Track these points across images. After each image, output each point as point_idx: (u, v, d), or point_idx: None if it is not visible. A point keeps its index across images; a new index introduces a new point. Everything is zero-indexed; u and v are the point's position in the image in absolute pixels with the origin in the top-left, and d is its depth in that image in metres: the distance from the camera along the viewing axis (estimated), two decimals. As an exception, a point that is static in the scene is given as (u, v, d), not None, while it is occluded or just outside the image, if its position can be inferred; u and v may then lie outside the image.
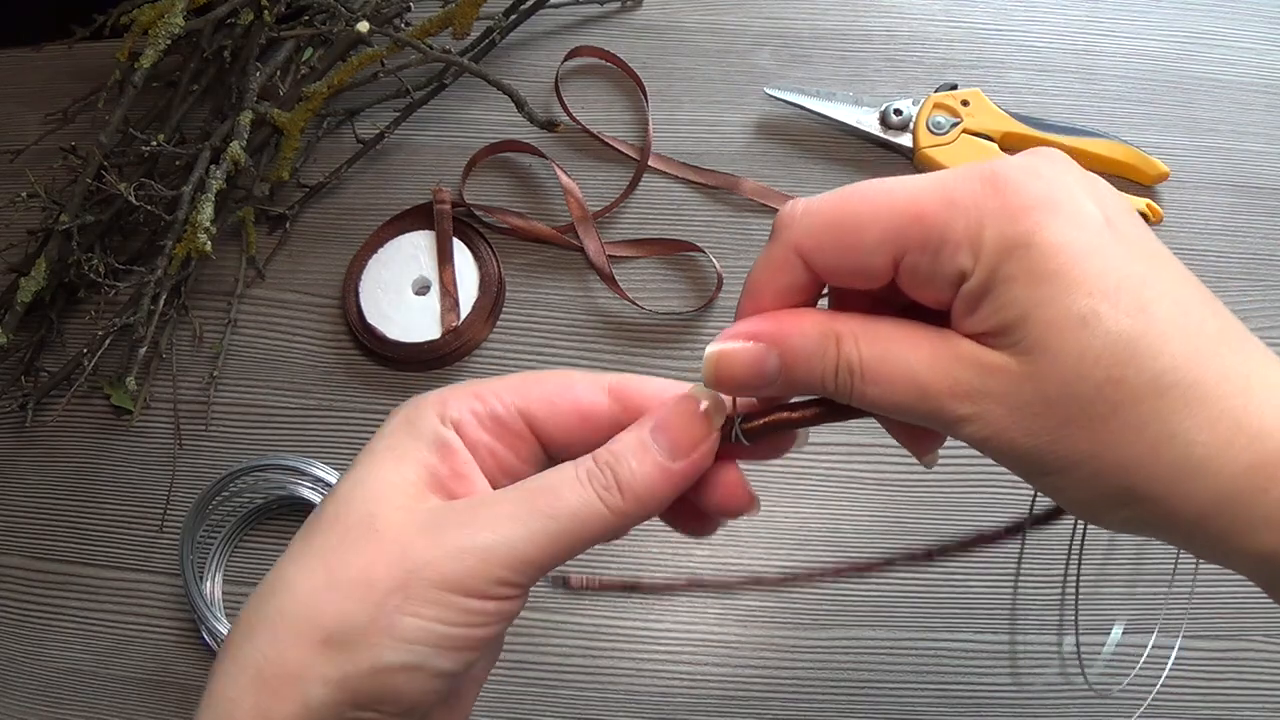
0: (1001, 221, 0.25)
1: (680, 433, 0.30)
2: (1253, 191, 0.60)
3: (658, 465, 0.29)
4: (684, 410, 0.30)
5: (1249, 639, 0.51)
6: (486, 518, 0.28)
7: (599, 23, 0.66)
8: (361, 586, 0.27)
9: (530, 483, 0.29)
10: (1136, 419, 0.25)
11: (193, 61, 0.61)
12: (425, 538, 0.28)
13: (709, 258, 0.59)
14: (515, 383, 0.31)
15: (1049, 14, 0.65)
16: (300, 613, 0.28)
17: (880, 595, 0.52)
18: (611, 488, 0.29)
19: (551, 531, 0.28)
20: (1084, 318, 0.25)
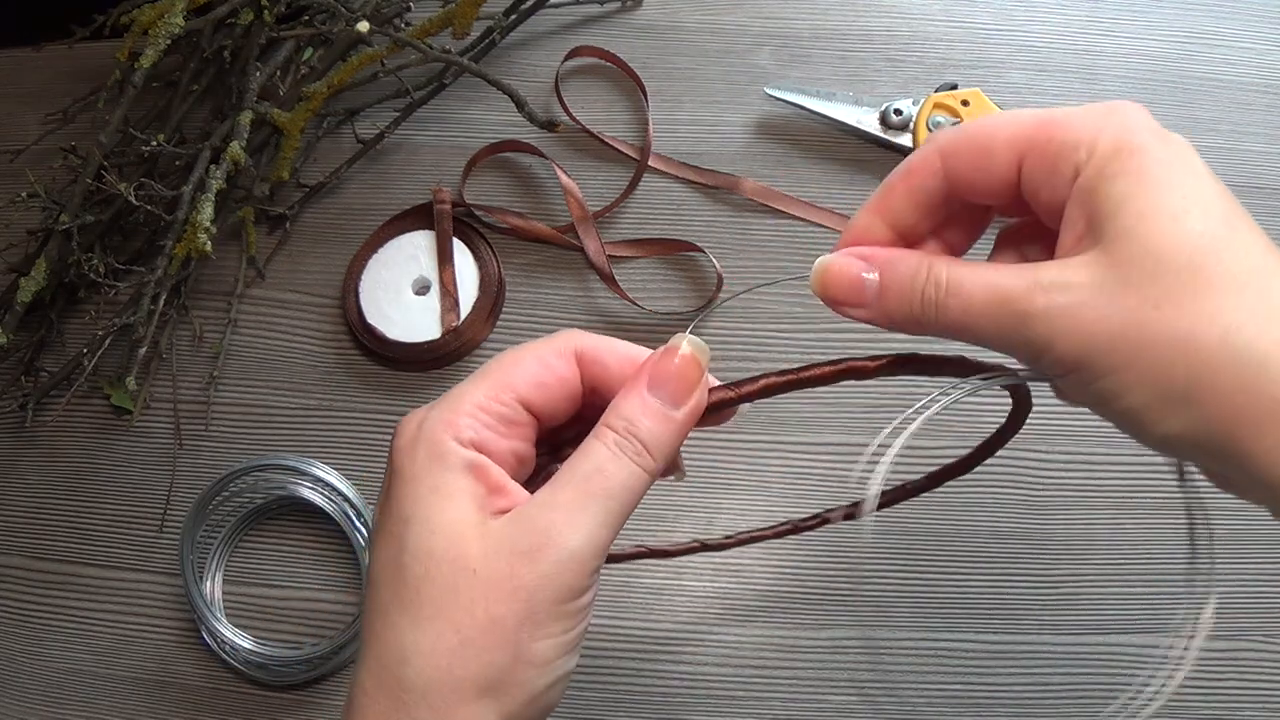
0: (1118, 131, 0.28)
1: (676, 383, 0.31)
2: (1253, 191, 0.60)
3: (666, 418, 0.31)
4: (672, 361, 0.32)
5: (1249, 639, 0.51)
6: (563, 522, 0.30)
7: (599, 23, 0.66)
8: (494, 633, 0.29)
9: (574, 472, 0.31)
10: (1211, 308, 0.26)
11: (193, 61, 0.61)
12: (524, 563, 0.29)
13: (709, 258, 0.59)
14: (503, 377, 0.32)
15: (1049, 14, 0.65)
16: (448, 676, 0.29)
17: (880, 595, 0.52)
18: (642, 452, 0.31)
19: (614, 510, 0.30)
20: (1175, 214, 0.27)
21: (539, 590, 0.29)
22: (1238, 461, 0.26)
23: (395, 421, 0.57)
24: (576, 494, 0.30)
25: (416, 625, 0.29)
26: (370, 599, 0.31)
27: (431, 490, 0.30)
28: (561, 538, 0.30)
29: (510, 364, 0.32)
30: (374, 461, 0.56)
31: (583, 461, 0.31)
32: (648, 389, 0.31)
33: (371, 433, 0.57)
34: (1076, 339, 0.27)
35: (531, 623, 0.29)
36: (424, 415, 0.32)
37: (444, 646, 0.29)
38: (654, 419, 0.31)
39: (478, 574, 0.29)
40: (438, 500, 0.30)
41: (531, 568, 0.29)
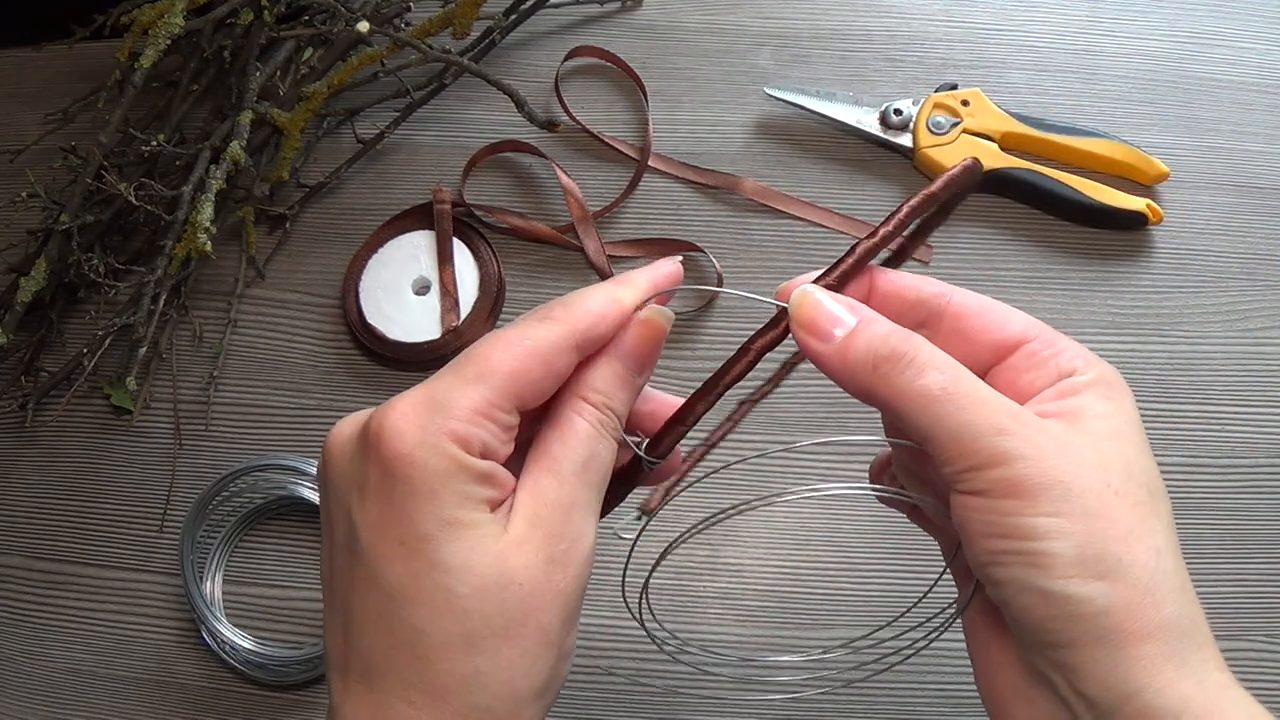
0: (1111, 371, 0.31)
1: (647, 353, 0.33)
2: (1253, 191, 0.60)
3: (633, 385, 0.33)
4: (648, 332, 0.33)
5: (1249, 639, 0.51)
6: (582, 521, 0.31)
7: (599, 23, 0.66)
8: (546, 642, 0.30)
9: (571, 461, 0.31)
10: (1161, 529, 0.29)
11: (193, 61, 0.61)
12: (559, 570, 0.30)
13: (709, 258, 0.59)
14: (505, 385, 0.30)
15: (1049, 14, 0.65)
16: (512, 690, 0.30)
17: (880, 595, 0.52)
18: (617, 426, 0.32)
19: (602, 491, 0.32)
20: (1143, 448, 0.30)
21: (574, 592, 0.30)
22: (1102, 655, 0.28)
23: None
24: (581, 486, 0.31)
25: (475, 648, 0.29)
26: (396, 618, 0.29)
27: (455, 507, 0.29)
28: (585, 538, 0.31)
29: (505, 362, 0.30)
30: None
31: (576, 446, 0.31)
32: (624, 359, 0.32)
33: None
34: (1045, 469, 0.28)
35: (570, 623, 0.30)
36: (422, 419, 0.29)
37: (507, 665, 0.29)
38: (627, 389, 0.32)
39: (524, 588, 0.29)
40: (464, 516, 0.29)
41: (565, 572, 0.30)
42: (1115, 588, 0.27)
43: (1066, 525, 0.28)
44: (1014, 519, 0.28)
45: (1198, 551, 0.52)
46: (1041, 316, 0.56)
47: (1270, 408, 0.55)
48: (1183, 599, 0.28)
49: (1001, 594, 0.29)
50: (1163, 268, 0.58)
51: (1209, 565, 0.52)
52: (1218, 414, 0.55)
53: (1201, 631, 0.29)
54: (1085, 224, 0.59)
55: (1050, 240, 0.59)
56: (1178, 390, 0.56)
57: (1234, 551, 0.52)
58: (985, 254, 0.59)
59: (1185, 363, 0.56)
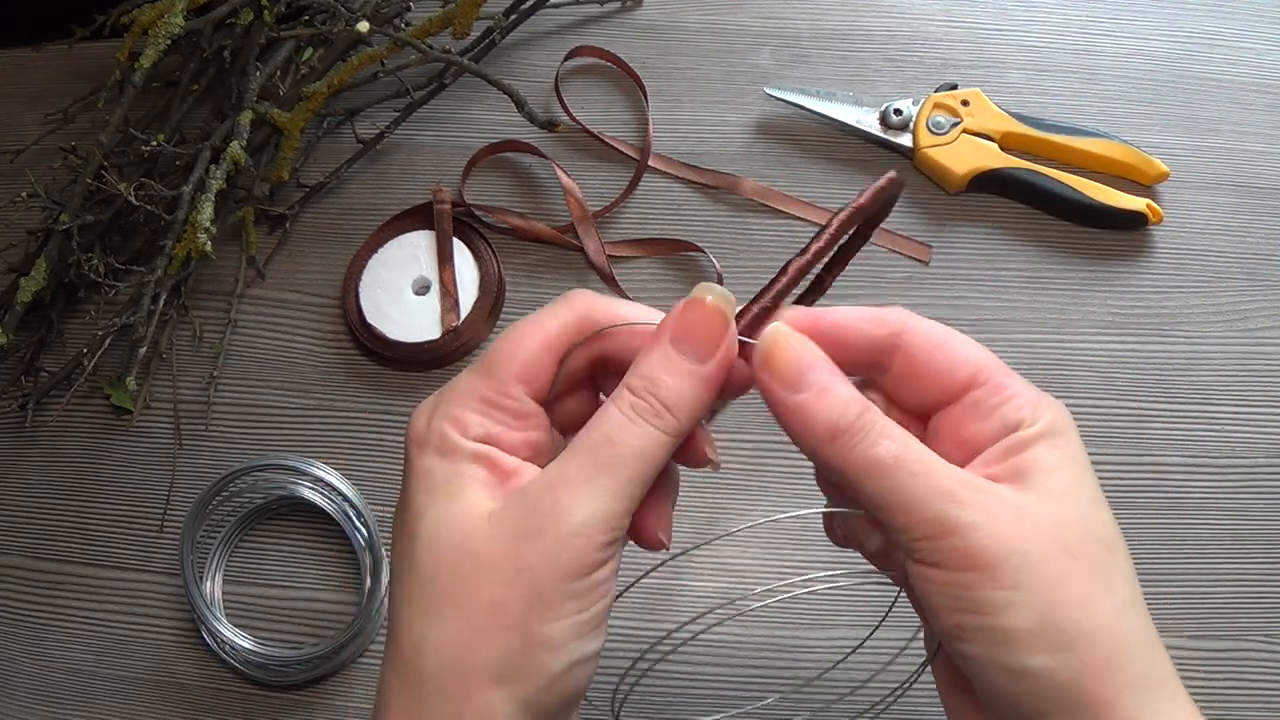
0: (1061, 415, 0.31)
1: (701, 335, 0.30)
2: (1253, 191, 0.60)
3: (691, 373, 0.29)
4: (697, 313, 0.30)
5: (1249, 639, 0.51)
6: (566, 496, 0.28)
7: (599, 23, 0.66)
8: (499, 616, 0.28)
9: (582, 442, 0.29)
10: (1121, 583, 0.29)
11: (193, 61, 0.61)
12: (527, 543, 0.28)
13: (709, 258, 0.59)
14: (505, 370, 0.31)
15: (1049, 14, 0.65)
16: (461, 665, 0.28)
17: (880, 595, 0.52)
18: (661, 412, 0.29)
19: (626, 479, 0.29)
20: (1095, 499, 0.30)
21: (543, 571, 0.28)
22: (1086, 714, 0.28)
23: (395, 421, 0.58)
24: (582, 465, 0.29)
25: (427, 615, 0.29)
26: (390, 593, 0.30)
27: (443, 483, 0.30)
28: (564, 512, 0.28)
29: (512, 351, 0.31)
30: (374, 461, 0.56)
31: (592, 430, 0.29)
32: (672, 344, 0.30)
33: (371, 433, 0.57)
34: (1001, 538, 0.28)
35: (540, 604, 0.28)
36: (432, 409, 0.31)
37: (454, 635, 0.28)
38: (678, 376, 0.29)
39: (480, 558, 0.28)
40: (448, 491, 0.30)
41: (534, 547, 0.28)
42: (1080, 657, 0.28)
43: (1026, 598, 0.28)
44: (973, 592, 0.28)
45: (1198, 551, 0.52)
46: (1041, 316, 0.57)
47: (1270, 408, 0.55)
48: (1148, 652, 0.29)
49: (969, 667, 0.29)
50: (1163, 268, 0.58)
51: (1209, 565, 0.52)
52: (1218, 414, 0.55)
53: (1170, 677, 0.29)
54: (1085, 224, 0.59)
55: (1050, 240, 0.59)
56: (1178, 390, 0.56)
57: (1234, 551, 0.52)
58: (985, 254, 0.59)
59: (1185, 363, 0.56)
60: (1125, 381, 0.56)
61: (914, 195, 0.60)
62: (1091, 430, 0.55)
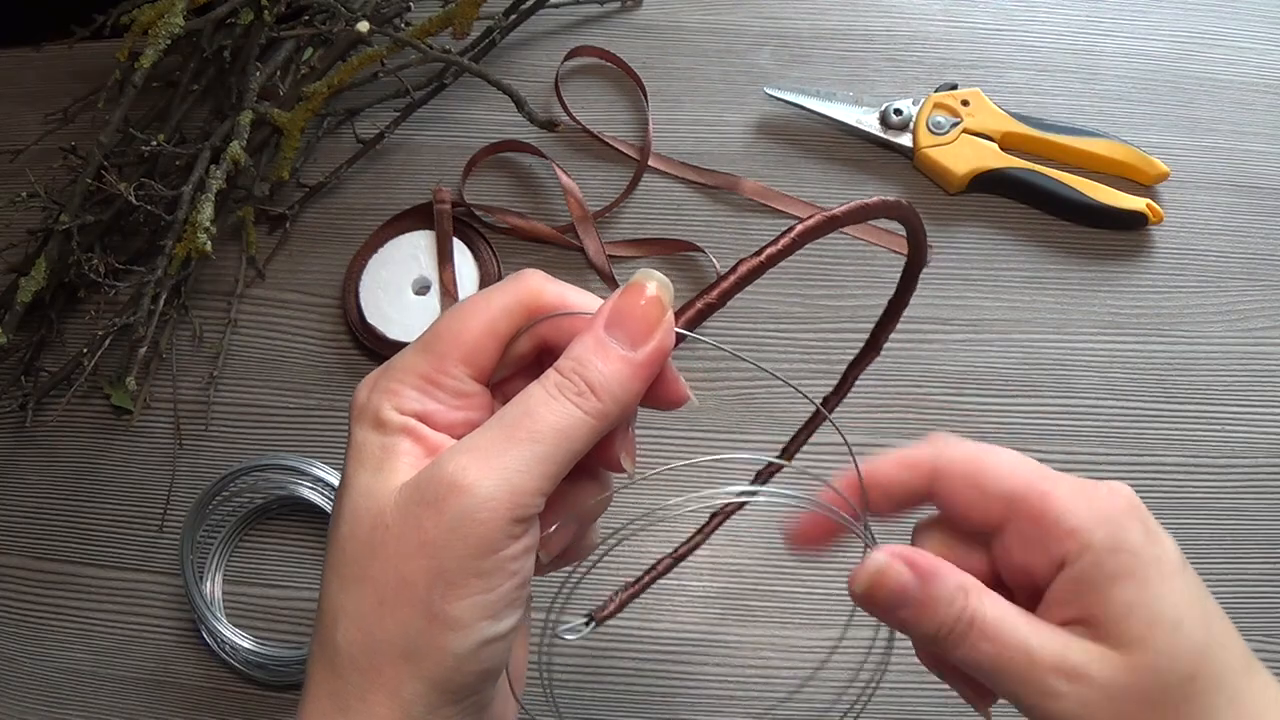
0: (1112, 529, 0.30)
1: (636, 322, 0.29)
2: (1253, 191, 0.60)
3: (622, 359, 0.29)
4: (634, 299, 0.29)
5: (1248, 639, 0.51)
6: (472, 466, 0.27)
7: (599, 23, 0.66)
8: (404, 591, 0.27)
9: (504, 415, 0.29)
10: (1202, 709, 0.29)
11: (193, 61, 0.61)
12: (429, 515, 0.27)
13: (709, 258, 0.59)
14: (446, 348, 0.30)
15: (1049, 14, 0.65)
16: (370, 639, 0.28)
17: (880, 595, 0.52)
18: (585, 392, 0.28)
19: (541, 455, 0.28)
20: (1175, 623, 0.29)
21: (447, 545, 0.27)
22: None
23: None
24: (495, 436, 0.28)
25: (343, 587, 0.28)
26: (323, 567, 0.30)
27: (372, 455, 0.29)
28: (470, 482, 0.27)
29: (456, 330, 0.30)
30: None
31: (513, 405, 0.29)
32: (604, 328, 0.29)
33: (371, 433, 0.57)
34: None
35: (443, 581, 0.27)
36: (373, 384, 0.30)
37: (365, 608, 0.28)
38: (607, 359, 0.29)
39: (390, 530, 0.28)
40: (375, 463, 0.29)
41: (437, 520, 0.27)
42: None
43: None
44: None
45: (1198, 551, 0.52)
46: (1041, 316, 0.57)
47: (1270, 408, 0.55)
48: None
49: None
50: (1163, 268, 0.58)
51: (1209, 565, 0.52)
52: (1218, 414, 0.55)
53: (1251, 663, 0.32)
54: (1085, 224, 0.59)
55: (1050, 240, 0.59)
56: (1178, 390, 0.56)
57: (1234, 551, 0.52)
58: (985, 254, 0.59)
59: (1185, 363, 0.56)
60: (1125, 381, 0.56)
61: (914, 195, 0.60)
62: (1091, 430, 0.55)
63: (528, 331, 0.31)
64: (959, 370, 0.56)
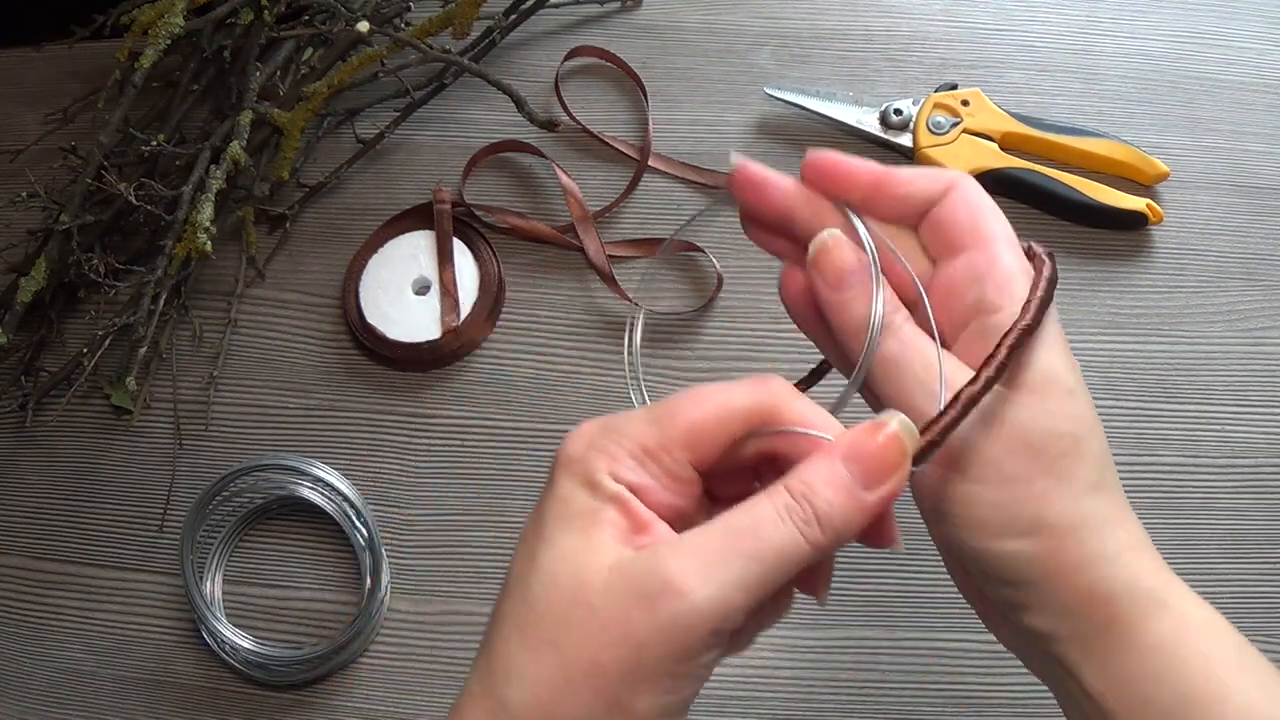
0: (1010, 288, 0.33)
1: (874, 462, 0.29)
2: (1253, 191, 0.60)
3: (853, 496, 0.29)
4: (876, 438, 0.29)
5: (1249, 639, 0.51)
6: (694, 572, 0.27)
7: (599, 23, 0.66)
8: (595, 677, 0.27)
9: (730, 523, 0.28)
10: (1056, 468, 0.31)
11: (193, 61, 0.61)
12: (640, 609, 0.27)
13: (709, 258, 0.59)
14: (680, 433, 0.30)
15: (1049, 14, 0.65)
16: (545, 711, 0.28)
17: (880, 595, 0.52)
18: (811, 522, 0.28)
19: (757, 574, 0.28)
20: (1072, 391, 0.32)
21: (649, 644, 0.27)
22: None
23: (395, 421, 0.58)
24: (719, 546, 0.28)
25: (526, 648, 0.28)
26: (497, 606, 0.30)
27: (577, 515, 0.29)
28: (687, 588, 0.27)
29: (690, 413, 0.30)
30: (374, 461, 0.56)
31: (740, 514, 0.28)
32: (841, 459, 0.29)
33: (371, 433, 0.57)
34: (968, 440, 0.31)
35: (637, 675, 0.27)
36: (591, 438, 0.30)
37: (547, 678, 0.28)
38: (838, 492, 0.28)
39: (594, 611, 0.28)
40: (581, 525, 0.29)
41: (647, 616, 0.27)
42: (1039, 541, 0.31)
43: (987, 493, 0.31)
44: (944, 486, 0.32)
45: (1198, 551, 0.52)
46: (1041, 316, 0.56)
47: (1270, 408, 0.55)
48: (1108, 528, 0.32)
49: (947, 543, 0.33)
50: (1163, 268, 0.58)
51: (1209, 565, 0.52)
52: (1218, 414, 0.55)
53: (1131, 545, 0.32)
54: (1085, 224, 0.59)
55: (1050, 240, 0.59)
56: (1178, 390, 0.56)
57: (1234, 551, 0.52)
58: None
59: (1185, 363, 0.56)
60: (1125, 381, 0.56)
61: (914, 195, 0.60)
62: (1091, 430, 0.55)
63: (756, 438, 0.31)
64: (959, 370, 0.56)
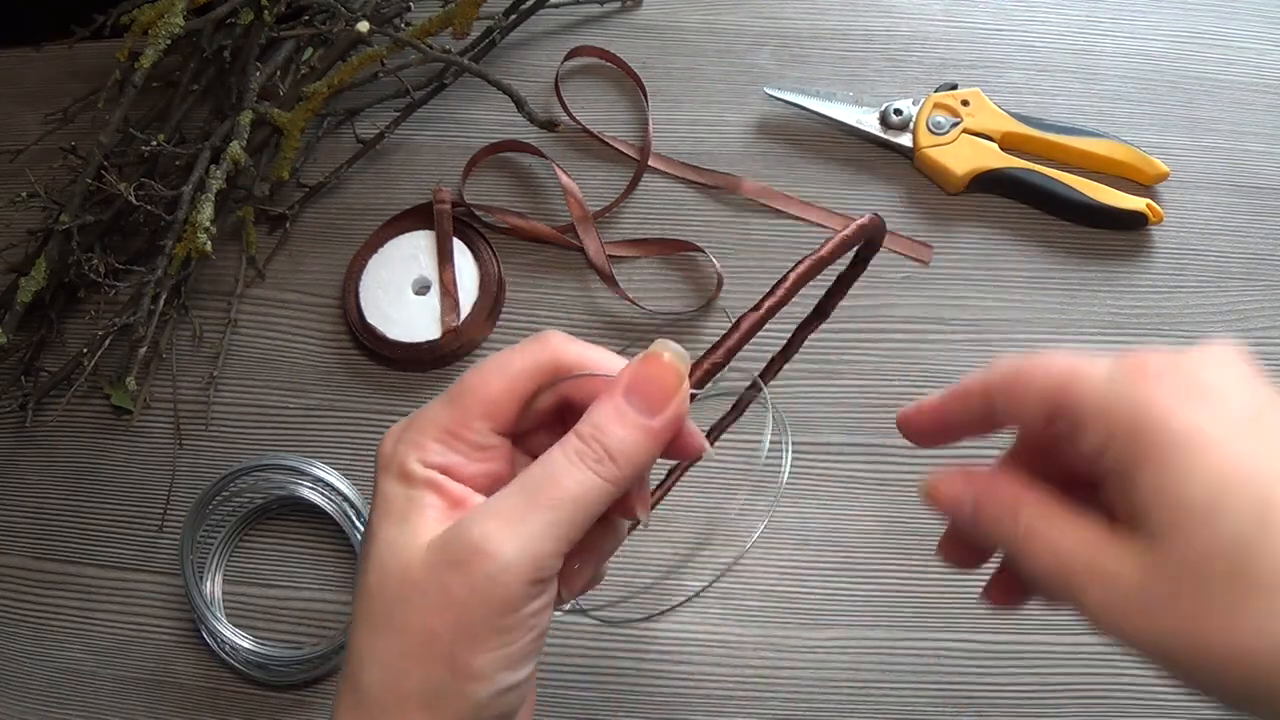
0: (1131, 408, 0.27)
1: (654, 390, 0.30)
2: (1253, 191, 0.60)
3: (640, 426, 0.30)
4: (652, 368, 0.31)
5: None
6: (497, 532, 0.29)
7: (599, 23, 0.66)
8: (431, 646, 0.29)
9: (526, 479, 0.30)
10: (1258, 611, 0.26)
11: (193, 61, 0.61)
12: (455, 575, 0.29)
13: (709, 258, 0.59)
14: (469, 404, 0.32)
15: (1049, 14, 0.65)
16: (395, 687, 0.30)
17: (880, 595, 0.52)
18: (604, 459, 0.30)
19: (560, 520, 0.29)
20: (1208, 510, 0.26)
21: (471, 604, 0.29)
22: None
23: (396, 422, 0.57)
24: (519, 503, 0.30)
25: (372, 635, 0.30)
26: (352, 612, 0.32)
27: (397, 507, 0.31)
28: (494, 548, 0.29)
29: (477, 386, 0.32)
30: (374, 461, 0.56)
31: (537, 468, 0.30)
32: (625, 396, 0.30)
33: (371, 433, 0.57)
34: (1129, 633, 0.28)
35: (467, 636, 0.29)
36: (398, 436, 0.32)
37: (391, 657, 0.30)
38: (626, 427, 0.30)
39: (417, 586, 0.29)
40: (400, 515, 0.31)
41: (462, 580, 0.29)
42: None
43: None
44: None
45: (1198, 551, 0.52)
46: (1041, 316, 0.57)
47: (1270, 408, 0.55)
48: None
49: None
50: (1163, 268, 0.58)
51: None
52: (1218, 414, 0.55)
53: None
54: (1085, 224, 0.59)
55: (1050, 240, 0.59)
56: (1178, 390, 0.56)
57: (1234, 551, 0.52)
58: (985, 254, 0.59)
59: (1185, 363, 0.56)
60: (1125, 381, 0.56)
61: (914, 195, 0.60)
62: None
63: (549, 389, 0.32)
64: (959, 370, 0.56)
